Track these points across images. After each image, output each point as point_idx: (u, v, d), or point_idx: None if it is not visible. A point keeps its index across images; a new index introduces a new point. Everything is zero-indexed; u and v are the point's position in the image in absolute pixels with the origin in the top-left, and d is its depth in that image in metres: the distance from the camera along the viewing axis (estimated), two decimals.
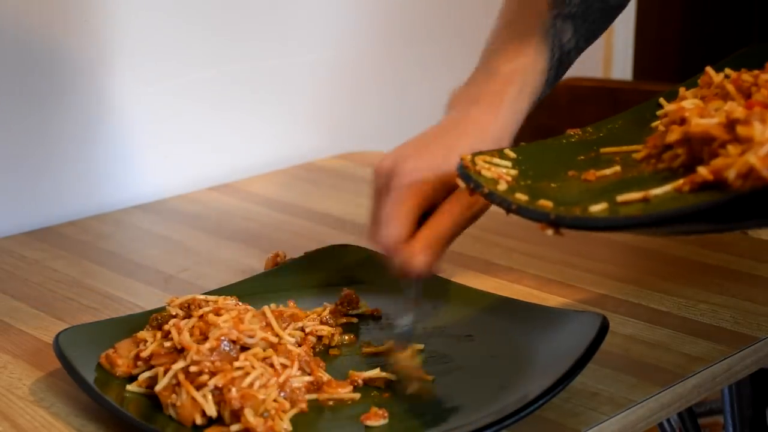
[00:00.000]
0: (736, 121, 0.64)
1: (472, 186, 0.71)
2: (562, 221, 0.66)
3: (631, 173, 0.72)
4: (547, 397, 0.70)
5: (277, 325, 0.76)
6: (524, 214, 0.68)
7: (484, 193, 0.71)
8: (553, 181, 0.74)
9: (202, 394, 0.69)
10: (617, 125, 0.84)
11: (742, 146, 0.62)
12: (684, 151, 0.69)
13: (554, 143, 0.83)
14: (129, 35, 1.22)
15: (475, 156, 0.74)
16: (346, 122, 1.48)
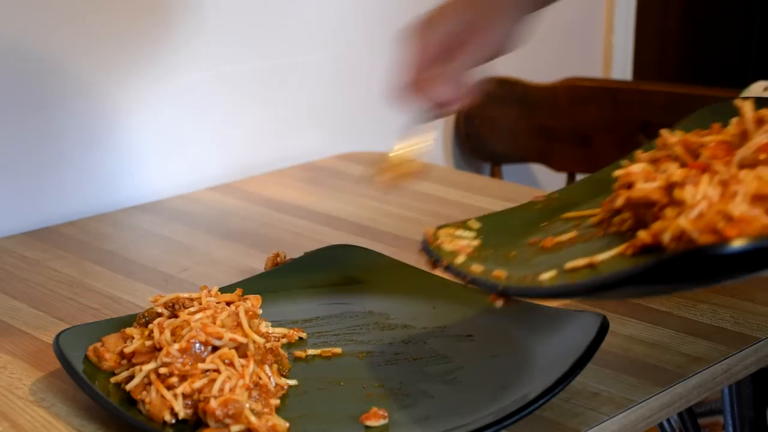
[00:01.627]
0: (674, 185, 0.65)
1: (433, 260, 0.76)
2: (508, 291, 0.70)
3: (584, 238, 0.74)
4: (547, 397, 0.70)
5: (247, 325, 0.76)
6: (476, 284, 0.72)
7: (443, 266, 0.75)
8: (514, 250, 0.76)
9: (173, 393, 0.70)
10: (581, 189, 0.86)
11: (678, 209, 0.64)
12: (631, 215, 0.70)
13: (519, 211, 0.86)
14: (129, 35, 1.22)
15: (439, 229, 0.77)
16: (346, 122, 1.48)
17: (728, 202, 0.61)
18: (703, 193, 0.63)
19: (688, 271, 0.60)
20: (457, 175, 1.41)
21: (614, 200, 0.72)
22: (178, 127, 1.29)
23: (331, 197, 1.24)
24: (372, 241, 1.07)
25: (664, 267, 0.60)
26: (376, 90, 1.52)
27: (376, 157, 1.40)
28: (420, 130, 0.89)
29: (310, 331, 0.85)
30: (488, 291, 0.71)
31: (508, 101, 1.63)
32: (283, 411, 0.73)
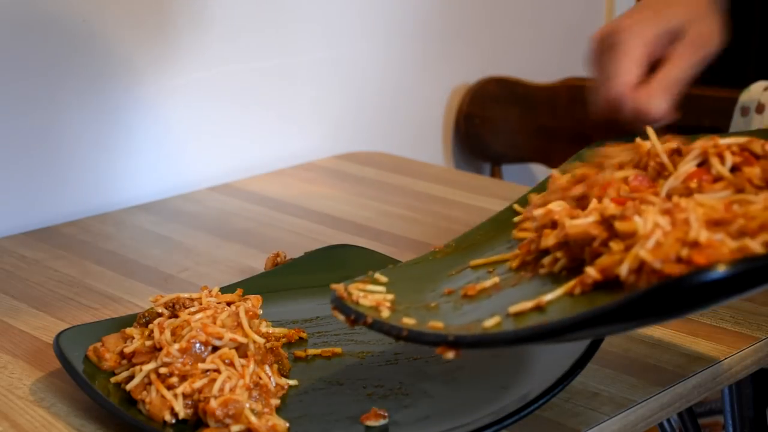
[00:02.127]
0: (612, 218, 0.63)
1: (353, 317, 0.68)
2: (462, 341, 0.64)
3: (511, 283, 0.71)
4: (547, 397, 0.70)
5: (247, 325, 0.76)
6: (418, 338, 0.66)
7: (368, 323, 0.67)
8: (432, 301, 0.71)
9: (173, 393, 0.70)
10: (479, 236, 0.82)
11: (625, 242, 0.62)
12: (563, 254, 0.68)
13: (420, 262, 0.81)
14: (128, 36, 1.22)
15: (348, 285, 0.72)
16: (346, 122, 1.48)
17: (685, 230, 0.60)
18: (654, 222, 0.61)
19: (668, 302, 0.58)
20: (457, 175, 1.41)
21: (537, 241, 0.70)
22: (178, 127, 1.29)
23: (331, 197, 1.24)
24: (372, 241, 1.07)
25: (645, 300, 0.58)
26: (375, 90, 1.52)
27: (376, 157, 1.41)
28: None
29: (310, 331, 0.85)
30: (434, 343, 0.65)
31: (508, 101, 1.63)
32: (284, 411, 0.73)
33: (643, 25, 0.82)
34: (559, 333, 0.61)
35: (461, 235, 0.84)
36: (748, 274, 0.57)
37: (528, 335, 0.62)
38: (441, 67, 1.61)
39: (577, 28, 1.82)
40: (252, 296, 0.81)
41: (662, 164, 0.71)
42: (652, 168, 0.72)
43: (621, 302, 0.58)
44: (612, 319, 0.59)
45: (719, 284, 0.57)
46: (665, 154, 0.71)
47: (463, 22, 1.62)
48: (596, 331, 0.64)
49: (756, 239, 0.59)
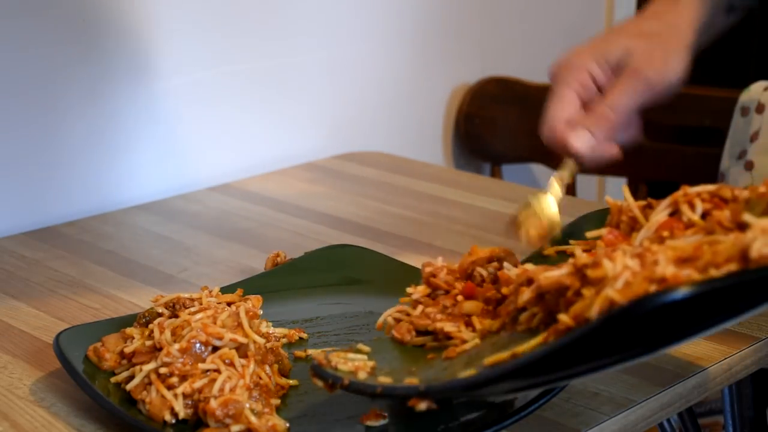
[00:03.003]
0: (585, 267, 0.64)
1: (330, 381, 0.68)
2: (432, 389, 0.65)
3: (491, 342, 0.71)
4: (547, 397, 0.70)
5: (248, 325, 0.76)
6: (391, 392, 0.67)
7: (344, 385, 0.68)
8: (414, 365, 0.72)
9: (173, 393, 0.70)
10: None
11: (596, 287, 0.62)
12: (539, 308, 0.68)
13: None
14: (128, 36, 1.22)
15: (329, 353, 0.72)
16: (346, 122, 1.48)
17: (652, 269, 0.60)
18: (623, 264, 0.61)
19: (628, 332, 0.58)
20: (457, 175, 1.41)
21: (515, 300, 0.70)
22: (178, 127, 1.29)
23: (331, 197, 1.24)
24: (372, 241, 1.07)
25: (603, 330, 0.58)
26: (375, 90, 1.52)
27: (376, 157, 1.41)
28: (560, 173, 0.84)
29: (311, 331, 0.85)
30: (407, 395, 0.66)
31: (508, 101, 1.63)
32: (284, 411, 0.73)
33: (580, 59, 0.82)
34: (527, 369, 0.61)
35: None
36: (706, 297, 0.57)
37: (497, 375, 0.62)
38: (441, 67, 1.61)
39: (577, 28, 1.82)
40: (252, 296, 0.81)
41: (634, 218, 0.72)
42: (625, 223, 0.73)
43: (582, 331, 0.59)
44: (577, 352, 0.60)
45: (677, 308, 0.57)
46: (637, 209, 0.72)
47: (463, 22, 1.62)
48: (567, 371, 0.63)
49: (721, 270, 0.59)
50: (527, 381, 0.63)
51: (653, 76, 0.81)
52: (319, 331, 0.85)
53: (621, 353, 0.61)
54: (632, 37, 0.82)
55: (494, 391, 0.66)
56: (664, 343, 0.61)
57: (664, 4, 0.86)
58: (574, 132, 0.80)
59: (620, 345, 0.60)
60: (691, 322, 0.60)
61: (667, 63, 0.82)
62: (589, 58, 0.82)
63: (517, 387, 0.66)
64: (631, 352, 0.61)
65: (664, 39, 0.83)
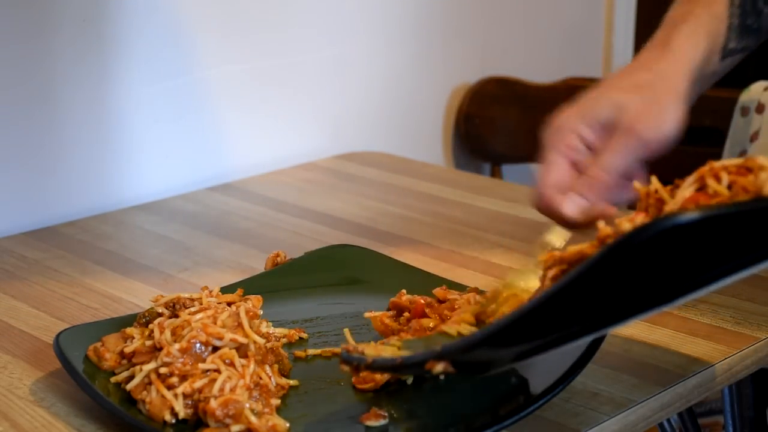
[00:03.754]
0: (608, 237, 0.62)
1: (356, 363, 0.68)
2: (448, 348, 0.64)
3: None
4: (547, 397, 0.70)
5: (248, 325, 0.76)
6: (409, 361, 0.67)
7: (368, 364, 0.68)
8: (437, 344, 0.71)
9: (173, 393, 0.70)
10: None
11: None
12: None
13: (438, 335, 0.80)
14: (129, 35, 1.22)
15: (358, 344, 0.72)
16: (346, 122, 1.48)
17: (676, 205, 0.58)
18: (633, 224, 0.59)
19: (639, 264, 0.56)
20: (457, 175, 1.41)
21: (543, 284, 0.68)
22: (178, 127, 1.29)
23: (331, 197, 1.24)
24: (372, 241, 1.07)
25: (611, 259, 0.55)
26: (376, 90, 1.52)
27: (376, 157, 1.41)
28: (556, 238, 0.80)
29: (311, 331, 0.85)
30: (424, 360, 0.65)
31: (508, 101, 1.63)
32: (284, 411, 0.73)
33: (568, 122, 0.78)
34: (545, 311, 0.58)
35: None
36: (716, 231, 0.54)
37: (513, 319, 0.60)
38: (441, 67, 1.61)
39: (577, 28, 1.82)
40: (252, 296, 0.81)
41: (661, 199, 0.69)
42: (653, 207, 0.70)
43: (593, 261, 0.56)
44: (588, 285, 0.57)
45: (687, 244, 0.54)
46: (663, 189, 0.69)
47: (463, 22, 1.62)
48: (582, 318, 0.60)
49: None
50: (546, 328, 0.60)
51: (647, 132, 0.77)
52: (319, 331, 0.85)
53: (634, 298, 0.58)
54: (623, 91, 0.78)
55: (514, 343, 0.63)
56: (675, 289, 0.58)
57: (655, 52, 0.82)
58: (565, 197, 0.77)
59: (633, 287, 0.57)
60: (702, 266, 0.57)
61: (661, 117, 0.77)
62: (576, 120, 0.78)
63: (537, 336, 0.62)
64: (644, 298, 0.58)
65: (657, 91, 0.78)
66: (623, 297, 0.59)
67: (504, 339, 0.62)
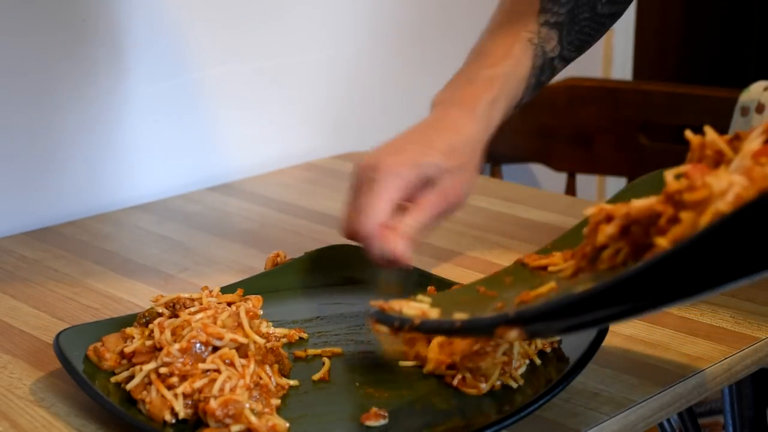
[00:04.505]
0: (679, 192, 0.58)
1: (398, 324, 0.65)
2: (525, 313, 0.60)
3: (570, 284, 0.66)
4: (547, 397, 0.70)
5: (248, 325, 0.76)
6: (474, 325, 0.64)
7: (414, 325, 0.65)
8: (486, 312, 0.68)
9: (173, 393, 0.70)
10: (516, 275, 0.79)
11: (697, 210, 0.56)
12: (624, 243, 0.63)
13: (465, 289, 0.80)
14: (129, 35, 1.22)
15: (387, 301, 0.70)
16: (346, 122, 1.48)
17: (764, 182, 0.53)
18: (728, 180, 0.55)
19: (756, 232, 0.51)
20: None
21: (593, 241, 0.65)
22: (178, 127, 1.29)
23: (331, 197, 1.24)
24: None
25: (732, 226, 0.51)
26: (375, 90, 1.52)
27: None
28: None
29: (311, 331, 0.85)
30: (493, 324, 0.60)
31: None
32: (284, 411, 0.73)
33: (401, 168, 0.83)
34: (630, 287, 0.54)
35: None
36: None
37: (605, 288, 0.55)
38: (441, 67, 1.60)
39: None
40: (252, 296, 0.81)
41: (720, 152, 0.65)
42: (710, 158, 0.66)
43: (700, 234, 0.51)
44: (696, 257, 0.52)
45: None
46: (723, 142, 0.65)
47: (463, 21, 1.62)
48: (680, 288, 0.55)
49: None
50: (634, 300, 0.56)
51: (457, 200, 0.86)
52: (319, 331, 0.85)
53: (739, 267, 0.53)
54: (443, 156, 0.85)
55: (597, 316, 0.58)
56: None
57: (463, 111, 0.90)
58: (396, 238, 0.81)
59: (736, 259, 0.53)
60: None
61: (469, 187, 0.87)
62: (408, 169, 0.84)
63: (622, 309, 0.57)
64: (749, 267, 0.53)
65: (467, 160, 0.87)
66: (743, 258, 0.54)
67: (598, 305, 0.57)
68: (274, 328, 0.83)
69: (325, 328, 0.86)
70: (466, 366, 0.73)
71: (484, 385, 0.73)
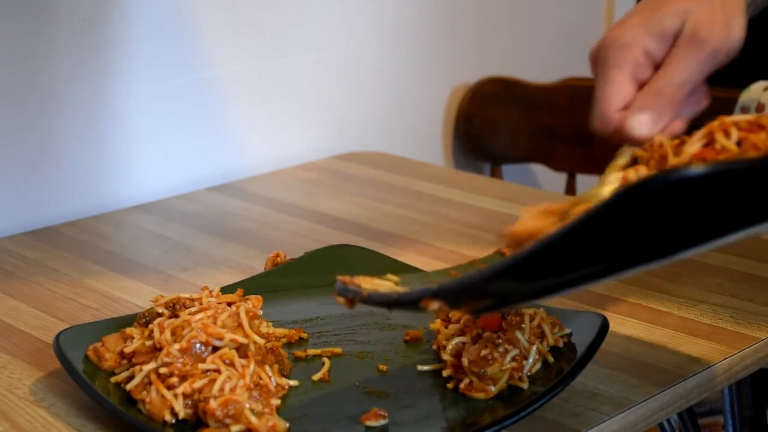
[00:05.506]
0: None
1: (350, 296, 0.67)
2: (446, 286, 0.62)
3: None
4: (547, 397, 0.70)
5: (248, 325, 0.76)
6: (405, 298, 0.66)
7: (363, 297, 0.67)
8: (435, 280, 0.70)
9: (173, 393, 0.70)
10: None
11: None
12: None
13: (439, 273, 0.80)
14: (129, 35, 1.22)
15: (354, 277, 0.71)
16: (346, 122, 1.48)
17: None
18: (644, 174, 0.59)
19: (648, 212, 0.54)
20: (457, 175, 1.41)
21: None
22: (178, 127, 1.29)
23: (331, 197, 1.24)
24: (372, 241, 1.07)
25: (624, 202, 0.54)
26: (375, 90, 1.52)
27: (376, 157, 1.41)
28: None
29: (311, 331, 0.85)
30: (420, 297, 0.63)
31: (508, 101, 1.63)
32: (284, 411, 0.73)
33: (635, 32, 0.74)
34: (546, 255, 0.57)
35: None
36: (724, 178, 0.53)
37: (512, 263, 0.58)
38: (441, 67, 1.60)
39: (577, 28, 1.82)
40: (252, 296, 0.81)
41: (665, 157, 0.67)
42: (656, 161, 0.68)
43: (598, 208, 0.55)
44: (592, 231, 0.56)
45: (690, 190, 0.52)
46: (669, 145, 0.67)
47: (463, 22, 1.62)
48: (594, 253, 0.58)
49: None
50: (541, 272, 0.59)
51: (717, 43, 0.73)
52: (319, 331, 0.85)
53: (636, 248, 0.57)
54: (676, 5, 0.74)
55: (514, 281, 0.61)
56: (676, 243, 0.57)
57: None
58: (634, 117, 0.73)
59: (636, 238, 0.56)
60: (706, 222, 0.56)
61: (730, 27, 0.74)
62: (642, 33, 0.73)
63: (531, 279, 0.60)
64: (646, 249, 0.57)
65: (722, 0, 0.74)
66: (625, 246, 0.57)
67: (501, 280, 0.60)
68: (274, 328, 0.83)
69: (325, 328, 0.86)
70: (473, 371, 0.73)
71: (492, 387, 0.72)
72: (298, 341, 0.84)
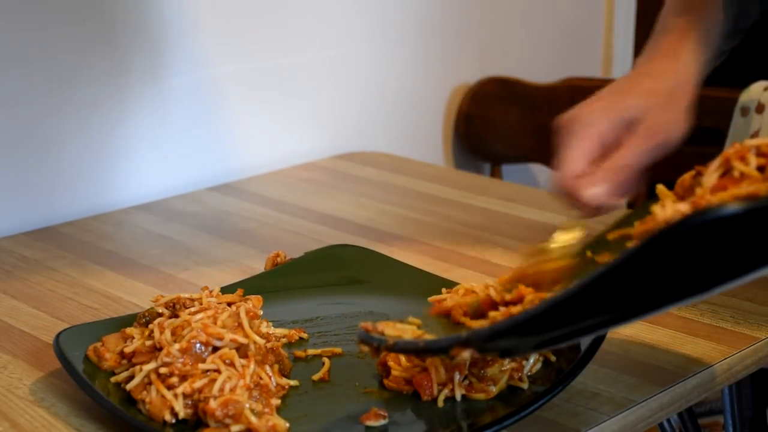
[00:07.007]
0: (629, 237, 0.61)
1: (376, 345, 0.68)
2: (475, 335, 0.63)
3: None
4: (547, 397, 0.70)
5: (248, 326, 0.76)
6: (433, 345, 0.66)
7: (389, 346, 0.67)
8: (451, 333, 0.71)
9: (173, 393, 0.70)
10: None
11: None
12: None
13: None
14: (129, 35, 1.22)
15: (376, 323, 0.71)
16: (346, 122, 1.48)
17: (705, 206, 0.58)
18: (674, 209, 0.60)
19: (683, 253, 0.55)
20: (457, 175, 1.41)
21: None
22: (178, 127, 1.29)
23: (331, 197, 1.24)
24: (372, 241, 1.07)
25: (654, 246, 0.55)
26: (375, 90, 1.52)
27: (376, 157, 1.41)
28: (571, 225, 0.82)
29: (311, 331, 0.85)
30: (449, 346, 0.64)
31: (508, 101, 1.63)
32: (284, 411, 0.73)
33: (597, 116, 0.82)
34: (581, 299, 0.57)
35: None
36: (756, 215, 0.54)
37: (543, 310, 0.59)
38: (441, 67, 1.61)
39: (577, 28, 1.82)
40: (252, 296, 0.81)
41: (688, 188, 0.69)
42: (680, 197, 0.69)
43: (633, 251, 0.55)
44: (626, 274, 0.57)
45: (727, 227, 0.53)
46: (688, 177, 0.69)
47: (463, 22, 1.62)
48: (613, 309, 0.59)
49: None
50: (579, 315, 0.60)
51: (666, 136, 0.82)
52: (319, 331, 0.85)
53: (669, 288, 0.58)
54: (644, 96, 0.84)
55: (544, 331, 0.62)
56: (713, 279, 0.58)
57: (664, 62, 0.88)
58: (590, 188, 0.79)
59: (670, 278, 0.57)
60: (743, 257, 0.56)
61: (678, 123, 0.83)
62: (602, 117, 0.82)
63: (568, 324, 0.61)
64: (680, 288, 0.58)
65: (673, 100, 0.84)
66: (659, 287, 0.58)
67: (534, 327, 0.61)
68: (274, 328, 0.83)
69: (325, 328, 0.86)
70: (472, 372, 0.73)
71: (493, 388, 0.72)
72: (298, 341, 0.84)
